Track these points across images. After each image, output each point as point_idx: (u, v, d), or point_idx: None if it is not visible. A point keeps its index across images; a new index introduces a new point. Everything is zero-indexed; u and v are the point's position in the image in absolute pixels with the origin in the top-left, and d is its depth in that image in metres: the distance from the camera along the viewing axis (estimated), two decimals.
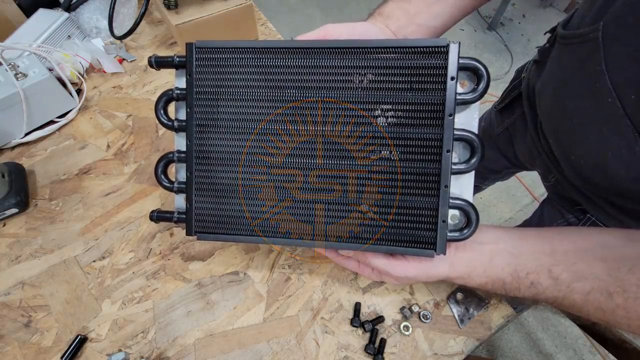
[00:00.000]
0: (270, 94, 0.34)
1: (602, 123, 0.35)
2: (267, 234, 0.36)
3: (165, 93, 0.37)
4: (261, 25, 0.78)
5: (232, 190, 0.35)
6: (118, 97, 0.66)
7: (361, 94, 0.32)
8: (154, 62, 0.36)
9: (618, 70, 0.32)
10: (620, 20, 0.31)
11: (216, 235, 0.37)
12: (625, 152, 0.34)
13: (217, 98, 0.35)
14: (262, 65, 0.33)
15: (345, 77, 0.32)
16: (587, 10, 0.38)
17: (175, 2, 0.64)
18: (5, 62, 0.56)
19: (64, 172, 0.55)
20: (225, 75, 0.34)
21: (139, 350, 0.41)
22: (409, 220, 0.33)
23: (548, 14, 2.35)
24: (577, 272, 0.31)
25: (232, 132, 0.35)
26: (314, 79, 0.33)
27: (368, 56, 0.32)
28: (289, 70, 0.33)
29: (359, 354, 0.40)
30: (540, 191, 1.54)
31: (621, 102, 0.32)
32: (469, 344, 0.41)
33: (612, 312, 0.29)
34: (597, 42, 0.33)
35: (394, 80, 0.32)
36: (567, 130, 0.41)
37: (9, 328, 0.42)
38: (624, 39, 0.31)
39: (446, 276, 0.36)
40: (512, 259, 0.34)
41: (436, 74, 0.31)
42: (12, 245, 0.48)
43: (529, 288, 0.33)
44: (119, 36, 0.70)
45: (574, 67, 0.39)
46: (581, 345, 1.20)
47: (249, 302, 0.44)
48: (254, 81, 0.34)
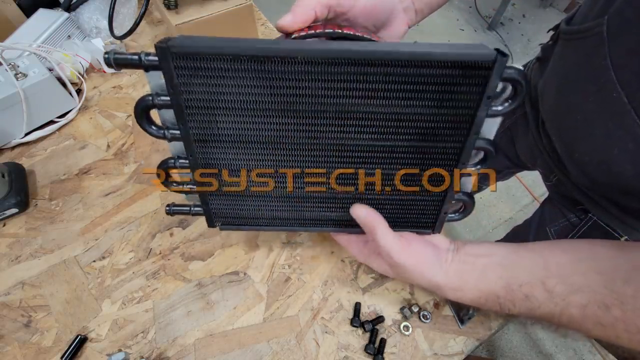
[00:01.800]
0: (276, 102, 0.28)
1: (607, 118, 0.35)
2: (278, 223, 0.39)
3: (143, 100, 0.28)
4: (261, 25, 0.78)
5: (241, 196, 0.36)
6: (118, 97, 0.66)
7: (378, 104, 0.28)
8: (112, 60, 0.25)
9: (623, 64, 0.32)
10: (623, 14, 0.31)
11: (238, 226, 0.39)
12: (631, 147, 0.34)
13: (213, 107, 0.28)
14: (262, 70, 0.26)
15: (363, 88, 0.27)
16: (591, 5, 0.38)
17: (175, 2, 0.64)
18: (5, 62, 0.56)
19: (64, 172, 0.55)
20: (218, 81, 0.26)
21: (139, 350, 0.41)
22: (411, 212, 0.36)
23: (548, 14, 2.35)
24: (572, 284, 0.30)
25: (237, 146, 0.31)
26: (327, 86, 0.27)
27: (392, 69, 0.25)
28: (295, 77, 0.26)
29: (359, 354, 0.40)
30: (540, 191, 1.54)
31: (627, 97, 0.32)
32: (469, 344, 0.41)
33: (612, 326, 0.29)
34: (602, 37, 0.33)
35: (417, 97, 0.27)
36: (571, 127, 0.41)
37: (9, 328, 0.42)
38: (627, 33, 0.31)
39: (437, 283, 0.35)
40: (504, 272, 0.33)
41: (472, 91, 0.26)
42: (12, 245, 0.48)
43: (523, 301, 0.32)
44: (119, 36, 0.70)
45: (579, 62, 0.38)
46: (581, 345, 1.20)
47: (249, 302, 0.44)
48: (254, 88, 0.27)
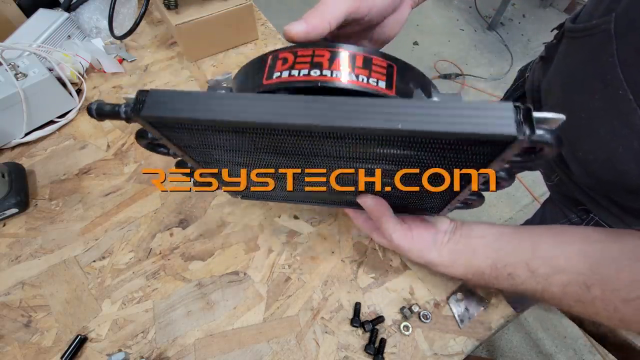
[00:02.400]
0: (265, 147, 0.25)
1: (613, 116, 0.35)
2: (291, 198, 0.41)
3: (141, 135, 0.27)
4: (261, 25, 0.78)
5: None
6: (118, 97, 0.66)
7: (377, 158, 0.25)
8: (94, 112, 0.23)
9: (630, 62, 0.32)
10: (630, 13, 0.31)
11: (258, 199, 0.44)
12: (636, 145, 0.34)
13: (204, 146, 0.27)
14: (243, 133, 0.23)
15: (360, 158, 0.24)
16: (597, 3, 0.38)
17: (175, 2, 0.64)
18: (5, 62, 0.56)
19: (64, 172, 0.55)
20: (198, 135, 0.24)
21: (139, 350, 0.41)
22: (418, 203, 0.36)
23: (548, 14, 2.35)
24: (556, 266, 0.31)
25: (236, 163, 0.30)
26: (318, 148, 0.24)
27: (400, 144, 0.22)
28: (280, 142, 0.23)
29: (359, 354, 0.40)
30: (541, 191, 1.54)
31: (633, 95, 0.32)
32: (469, 344, 0.41)
33: (592, 303, 0.30)
34: (610, 34, 0.33)
35: (425, 164, 0.24)
36: (575, 125, 0.41)
37: (9, 328, 0.42)
38: (635, 32, 0.31)
39: (431, 261, 0.37)
40: (492, 253, 0.35)
41: (487, 161, 0.22)
42: (12, 245, 0.48)
43: (506, 279, 0.34)
44: (119, 36, 0.70)
45: (585, 60, 0.38)
46: (581, 345, 1.20)
47: (249, 302, 0.44)
48: (238, 142, 0.25)
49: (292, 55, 0.22)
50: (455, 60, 2.09)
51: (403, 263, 0.46)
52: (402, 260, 0.47)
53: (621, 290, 0.28)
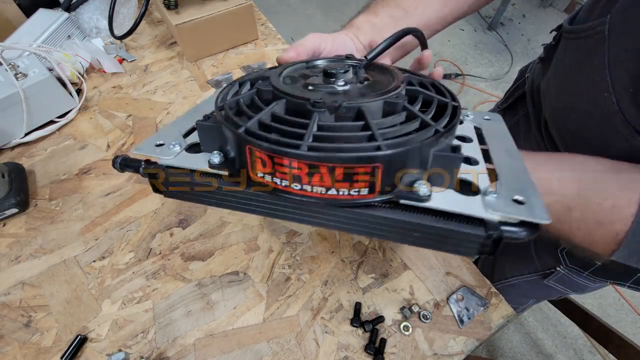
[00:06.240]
0: None
1: (601, 118, 0.35)
2: None
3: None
4: (261, 25, 0.78)
5: None
6: (118, 97, 0.66)
7: None
8: (118, 165, 0.28)
9: (619, 63, 0.32)
10: (624, 14, 0.32)
11: None
12: (625, 147, 0.34)
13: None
14: None
15: None
16: (593, 5, 0.38)
17: (175, 2, 0.64)
18: (5, 62, 0.56)
19: (64, 172, 0.55)
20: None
21: (139, 350, 0.41)
22: None
23: (548, 14, 2.35)
24: (548, 188, 0.31)
25: None
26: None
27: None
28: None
29: (359, 354, 0.40)
30: None
31: (616, 97, 0.32)
32: (469, 344, 0.41)
33: (569, 223, 0.30)
34: (603, 35, 0.33)
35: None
36: (571, 128, 0.41)
37: (9, 328, 0.42)
38: (627, 34, 0.31)
39: None
40: None
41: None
42: (12, 245, 0.48)
43: None
44: (119, 36, 0.70)
45: (579, 62, 0.38)
46: (581, 345, 1.20)
47: (249, 302, 0.44)
48: None
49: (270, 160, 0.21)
50: (455, 60, 2.09)
51: (403, 263, 0.46)
52: (402, 260, 0.47)
53: (599, 213, 0.29)
